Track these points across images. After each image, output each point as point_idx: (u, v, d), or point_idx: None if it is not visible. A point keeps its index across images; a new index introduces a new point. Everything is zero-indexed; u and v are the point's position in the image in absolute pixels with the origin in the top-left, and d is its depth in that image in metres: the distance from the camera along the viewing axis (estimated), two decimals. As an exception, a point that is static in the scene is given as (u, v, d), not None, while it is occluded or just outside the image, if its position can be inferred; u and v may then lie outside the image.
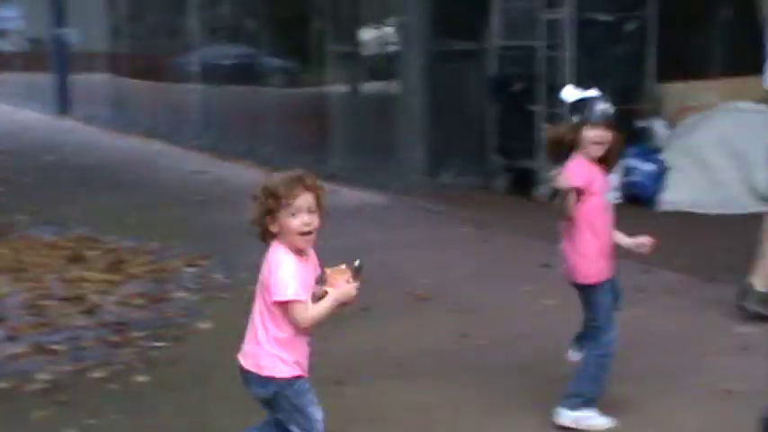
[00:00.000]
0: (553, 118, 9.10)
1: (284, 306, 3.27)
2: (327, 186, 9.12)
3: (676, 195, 8.62)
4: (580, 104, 4.08)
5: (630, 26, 9.14)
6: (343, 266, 3.41)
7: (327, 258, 3.59)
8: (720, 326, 5.47)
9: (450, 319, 5.78)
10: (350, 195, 9.81)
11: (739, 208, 8.29)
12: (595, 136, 4.02)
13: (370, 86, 11.43)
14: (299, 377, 3.32)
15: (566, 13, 8.95)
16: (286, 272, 3.30)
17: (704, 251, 7.13)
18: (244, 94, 13.57)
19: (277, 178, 3.32)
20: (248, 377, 3.32)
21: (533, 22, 9.16)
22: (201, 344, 5.46)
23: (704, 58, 10.97)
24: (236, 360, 3.37)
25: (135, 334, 5.53)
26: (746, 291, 5.75)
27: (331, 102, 11.47)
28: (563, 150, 4.10)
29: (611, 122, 4.04)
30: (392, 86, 10.35)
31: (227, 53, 14.35)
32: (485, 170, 9.79)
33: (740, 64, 10.17)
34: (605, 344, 4.25)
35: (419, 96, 9.78)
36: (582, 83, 9.25)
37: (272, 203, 3.28)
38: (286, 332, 3.30)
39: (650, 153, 9.01)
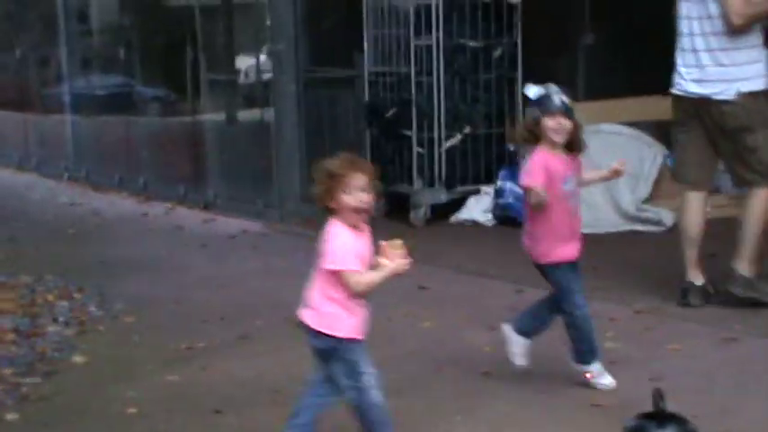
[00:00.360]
0: (424, 143, 9.28)
1: (337, 273, 3.84)
2: (203, 215, 9.21)
3: (547, 216, 8.83)
4: (540, 99, 4.65)
5: (498, 52, 9.37)
6: (399, 242, 3.95)
7: (203, 287, 3.60)
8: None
9: (329, 344, 5.81)
10: (227, 224, 9.79)
11: (607, 227, 8.55)
12: (555, 124, 4.58)
13: (246, 114, 11.42)
14: (353, 338, 3.92)
15: (434, 39, 9.13)
16: (339, 243, 3.84)
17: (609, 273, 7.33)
18: (118, 124, 13.40)
19: (335, 161, 3.87)
20: (309, 331, 3.95)
21: (404, 48, 9.31)
22: (75, 378, 5.39)
23: (570, 81, 11.30)
24: (298, 317, 4.04)
25: (5, 371, 5.42)
26: (733, 277, 6.12)
27: (206, 130, 11.43)
28: (531, 142, 4.67)
29: (569, 112, 4.60)
30: (267, 114, 10.38)
31: (100, 83, 14.15)
32: (359, 195, 9.87)
33: (604, 87, 10.54)
34: (571, 309, 4.82)
35: (294, 123, 9.82)
36: (453, 108, 9.53)
37: (330, 183, 3.82)
38: (340, 295, 3.87)
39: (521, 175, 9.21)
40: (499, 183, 9.11)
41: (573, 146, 4.70)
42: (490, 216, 9.17)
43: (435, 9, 9.11)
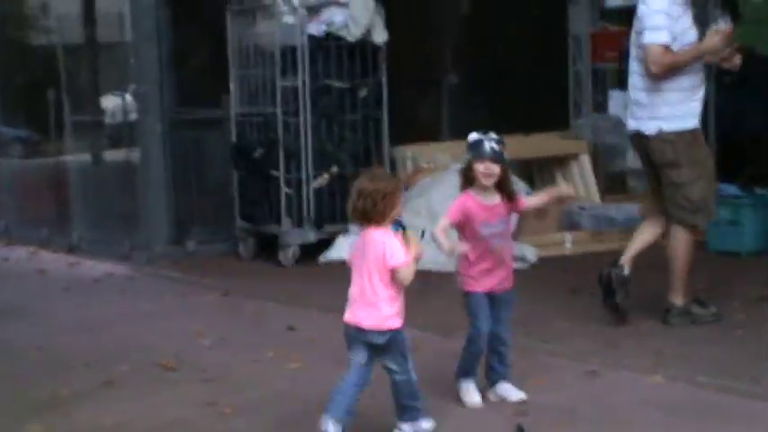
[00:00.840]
0: (292, 183, 9.30)
1: (395, 270, 4.63)
2: (68, 259, 8.98)
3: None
4: (473, 144, 5.08)
5: (364, 92, 9.47)
6: (413, 232, 4.71)
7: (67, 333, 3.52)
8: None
9: (196, 388, 5.76)
10: (92, 267, 9.60)
11: (473, 263, 8.68)
12: (484, 168, 4.98)
13: (112, 155, 11.25)
14: (403, 327, 4.71)
15: (300, 81, 9.18)
16: (395, 244, 4.65)
17: (441, 307, 7.43)
18: (-24, 167, 13.04)
19: (382, 181, 4.69)
20: (366, 332, 4.68)
21: (270, 89, 9.33)
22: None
23: (434, 120, 11.52)
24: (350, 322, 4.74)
25: None
26: (668, 311, 6.45)
27: (71, 171, 11.21)
28: (465, 185, 5.09)
29: (499, 158, 4.99)
30: (133, 155, 10.25)
31: (-43, 124, 13.77)
32: (230, 236, 9.83)
33: (468, 127, 10.74)
34: (469, 336, 5.27)
35: (160, 165, 9.72)
36: (320, 148, 9.57)
37: (385, 201, 4.63)
38: (396, 291, 4.69)
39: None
40: (367, 222, 9.16)
41: (504, 190, 5.09)
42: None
43: (301, 50, 9.18)
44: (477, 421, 5.06)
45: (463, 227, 5.15)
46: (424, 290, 8.12)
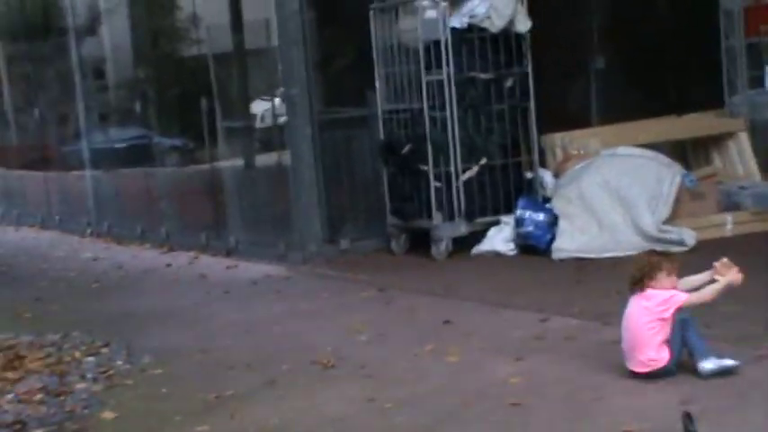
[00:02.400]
0: (441, 177, 9.29)
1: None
2: (226, 262, 9.16)
3: (568, 242, 8.82)
4: None
5: (509, 83, 9.38)
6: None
7: (228, 335, 3.59)
8: (617, 367, 5.57)
9: (356, 384, 5.81)
10: (249, 269, 9.81)
11: (629, 249, 8.51)
12: None
13: (263, 159, 11.48)
14: None
15: (445, 74, 9.16)
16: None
17: (599, 295, 7.29)
18: (137, 176, 13.49)
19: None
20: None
21: (416, 84, 9.34)
22: (105, 434, 5.39)
23: (583, 106, 11.32)
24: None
25: (35, 431, 5.43)
26: None
27: (225, 177, 11.49)
28: None
29: None
30: (284, 157, 10.42)
31: (117, 137, 14.27)
32: (383, 233, 9.89)
33: (619, 110, 10.54)
34: None
35: (311, 165, 9.86)
36: (468, 140, 9.53)
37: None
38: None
39: (540, 203, 9.22)
40: (518, 212, 9.09)
41: None
42: (512, 246, 9.15)
43: (445, 44, 9.15)
44: (639, 409, 4.94)
45: None
46: (581, 278, 8.03)
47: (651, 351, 5.23)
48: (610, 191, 8.92)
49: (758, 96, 10.04)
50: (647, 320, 5.26)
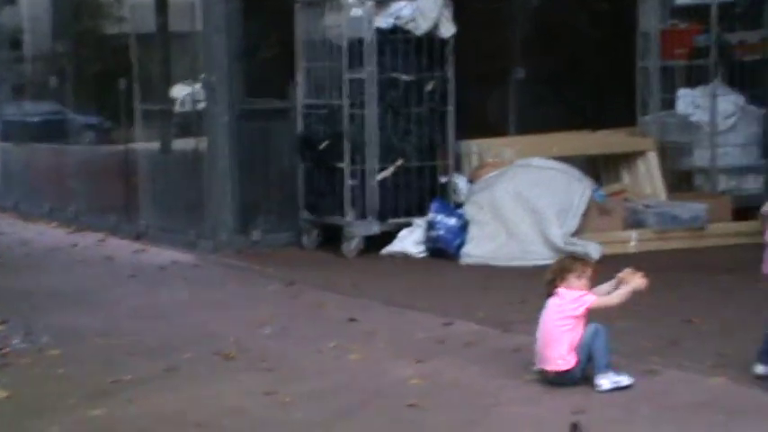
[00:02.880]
0: (356, 175, 9.34)
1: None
2: (135, 246, 9.09)
3: (477, 249, 8.94)
4: None
5: (430, 86, 9.47)
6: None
7: (131, 319, 3.57)
8: (515, 374, 5.68)
9: (256, 377, 5.82)
10: (158, 255, 9.74)
11: (536, 259, 8.67)
12: None
13: (180, 144, 11.39)
14: None
15: (367, 73, 9.21)
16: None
17: (502, 302, 7.41)
18: (48, 153, 13.28)
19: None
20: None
21: (337, 81, 9.37)
22: (-3, 413, 5.31)
23: (501, 116, 11.48)
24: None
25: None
26: None
27: (139, 160, 11.36)
28: None
29: None
30: (201, 144, 10.36)
31: (31, 111, 14.02)
32: (295, 227, 9.90)
33: (533, 122, 10.71)
34: None
35: (227, 154, 9.82)
36: (385, 140, 9.60)
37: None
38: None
39: (452, 208, 9.32)
40: (430, 215, 9.18)
41: None
42: (422, 248, 9.24)
43: (368, 42, 9.20)
44: (533, 418, 5.05)
45: None
46: (486, 284, 8.14)
47: (562, 349, 5.37)
48: (521, 200, 9.06)
49: (669, 118, 10.29)
50: (559, 317, 5.41)
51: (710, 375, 5.54)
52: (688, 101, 10.23)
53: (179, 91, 11.63)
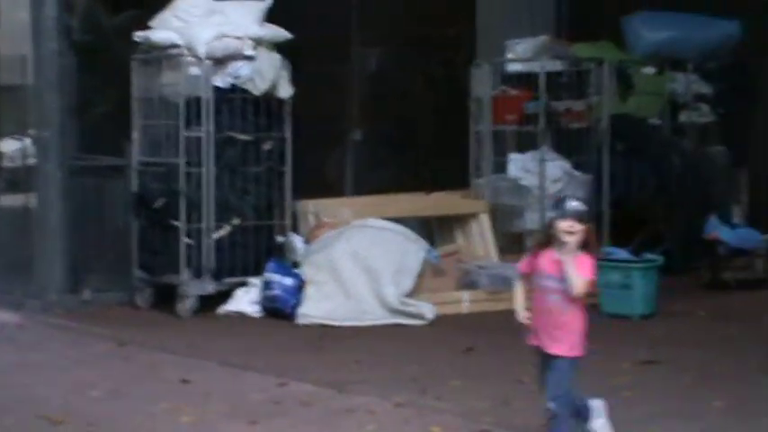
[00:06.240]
0: (192, 234, 9.25)
1: None
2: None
3: (314, 308, 8.95)
4: (557, 203, 5.22)
5: (268, 146, 9.50)
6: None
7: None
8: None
9: (84, 441, 5.65)
10: (-18, 315, 9.37)
11: (372, 320, 8.75)
12: (567, 227, 5.05)
13: (8, 200, 11.04)
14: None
15: (204, 131, 9.19)
16: None
17: (338, 363, 7.44)
18: None
19: None
20: None
21: (174, 139, 9.30)
22: None
23: (338, 176, 11.60)
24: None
25: None
26: None
27: (-35, 215, 10.94)
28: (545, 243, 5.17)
29: (583, 216, 5.09)
30: (30, 200, 10.08)
31: None
32: (128, 286, 9.70)
33: (370, 183, 10.87)
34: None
35: (57, 211, 9.57)
36: (222, 199, 9.56)
37: None
38: None
39: (289, 267, 9.32)
40: (267, 275, 9.16)
41: (589, 248, 5.13)
42: (258, 308, 9.19)
43: (206, 101, 9.18)
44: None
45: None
46: (322, 344, 8.15)
47: None
48: (358, 260, 9.14)
49: (500, 181, 10.60)
50: None
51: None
52: (518, 165, 10.56)
53: (8, 145, 11.30)
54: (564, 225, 5.05)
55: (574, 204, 5.10)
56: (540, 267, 5.16)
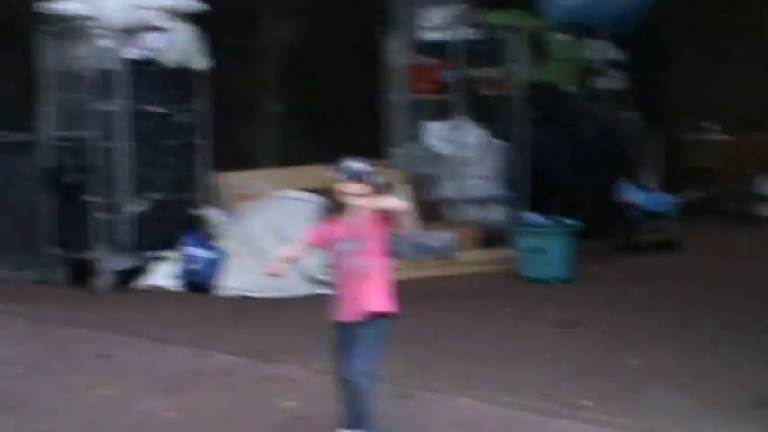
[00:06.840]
0: (109, 208, 9.12)
1: None
2: None
3: (234, 281, 8.91)
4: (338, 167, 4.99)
5: (183, 118, 9.40)
6: None
7: None
8: (273, 403, 5.68)
9: (3, 417, 5.55)
10: None
11: (292, 290, 8.73)
12: (344, 188, 4.90)
13: None
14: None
15: (117, 105, 9.05)
16: None
17: (259, 333, 7.42)
18: None
19: None
20: None
21: (87, 113, 9.14)
22: None
23: (257, 148, 11.52)
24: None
25: None
26: None
27: None
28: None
29: (361, 177, 4.92)
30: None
31: None
32: (42, 263, 9.54)
33: (290, 155, 10.81)
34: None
35: (-36, 189, 9.39)
36: (138, 173, 9.44)
37: None
38: None
39: (207, 240, 9.26)
40: (185, 248, 9.08)
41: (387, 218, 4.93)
42: (177, 281, 9.11)
43: (118, 74, 9.04)
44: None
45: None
46: (243, 316, 8.13)
47: None
48: (276, 232, 9.11)
49: (417, 151, 10.64)
50: None
51: (460, 396, 5.75)
52: (435, 134, 10.62)
53: None
54: (342, 187, 4.92)
55: (350, 165, 4.94)
56: (334, 236, 4.98)
